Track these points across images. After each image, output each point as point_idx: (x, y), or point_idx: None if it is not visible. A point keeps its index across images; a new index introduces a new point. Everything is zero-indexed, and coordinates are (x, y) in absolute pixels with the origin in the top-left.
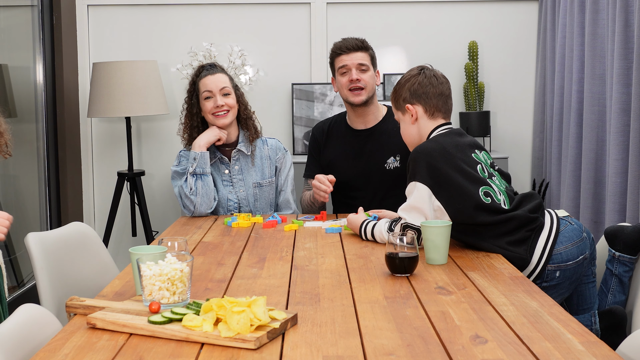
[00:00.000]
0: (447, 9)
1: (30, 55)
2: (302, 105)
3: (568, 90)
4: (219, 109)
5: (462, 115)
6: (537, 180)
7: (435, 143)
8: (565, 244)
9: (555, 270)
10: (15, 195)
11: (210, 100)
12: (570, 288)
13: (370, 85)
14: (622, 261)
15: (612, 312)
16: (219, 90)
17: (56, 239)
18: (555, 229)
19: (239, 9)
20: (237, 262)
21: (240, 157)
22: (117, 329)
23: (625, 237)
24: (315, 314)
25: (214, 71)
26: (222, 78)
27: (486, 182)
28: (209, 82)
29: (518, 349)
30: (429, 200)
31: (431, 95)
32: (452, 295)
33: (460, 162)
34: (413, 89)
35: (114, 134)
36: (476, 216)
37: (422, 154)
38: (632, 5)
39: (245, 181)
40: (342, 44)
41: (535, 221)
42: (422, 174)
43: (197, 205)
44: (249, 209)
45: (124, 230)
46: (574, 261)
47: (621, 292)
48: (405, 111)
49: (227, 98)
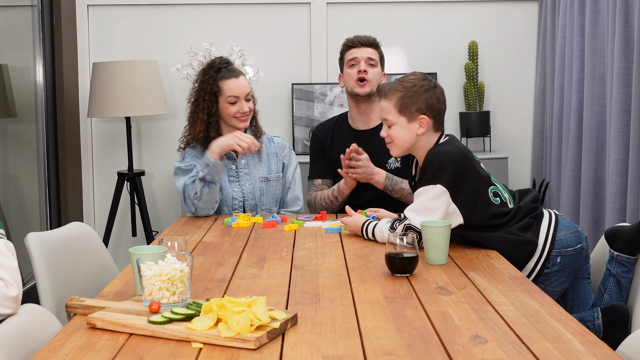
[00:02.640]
0: (447, 9)
1: (30, 55)
2: (302, 105)
3: (568, 90)
4: (244, 114)
5: (462, 115)
6: (537, 180)
7: (454, 147)
8: (565, 232)
9: (557, 255)
10: (15, 195)
11: (235, 105)
12: (569, 278)
13: (375, 80)
14: (620, 261)
15: (614, 308)
16: (244, 95)
17: (56, 239)
18: (555, 217)
19: (239, 9)
20: (237, 262)
21: (247, 153)
22: (117, 329)
23: (625, 235)
24: (315, 314)
25: (237, 73)
26: (245, 82)
27: (492, 181)
28: (234, 87)
29: (518, 349)
30: (445, 203)
31: (442, 111)
32: (452, 295)
33: (474, 163)
34: (431, 102)
35: (114, 134)
36: (486, 218)
37: (447, 158)
38: (632, 5)
39: (251, 175)
40: (354, 39)
41: (536, 210)
42: (444, 177)
43: (198, 209)
44: (254, 203)
45: (124, 230)
46: (573, 248)
47: (618, 294)
48: (414, 120)
49: (249, 103)
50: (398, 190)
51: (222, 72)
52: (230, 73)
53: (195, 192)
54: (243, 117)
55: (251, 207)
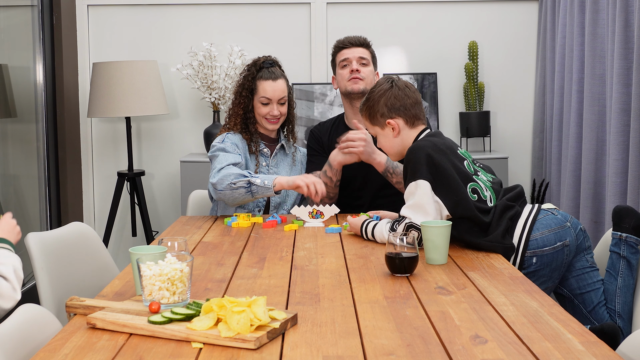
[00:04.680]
0: (447, 9)
1: (30, 55)
2: (302, 105)
3: (568, 90)
4: (274, 117)
5: (462, 115)
6: (537, 180)
7: (427, 142)
8: (542, 230)
9: (532, 256)
10: (15, 195)
11: (266, 107)
12: (553, 277)
13: (369, 79)
14: (629, 242)
15: (603, 330)
16: (278, 99)
17: (56, 239)
18: (533, 217)
19: (239, 9)
20: (237, 262)
21: (279, 153)
22: (117, 329)
23: (636, 218)
24: (315, 314)
25: (275, 76)
26: (282, 86)
27: (472, 178)
28: (269, 89)
29: (518, 349)
30: (431, 196)
31: (409, 105)
32: (452, 295)
33: (452, 157)
34: (390, 104)
35: (114, 134)
36: (472, 209)
37: (419, 151)
38: (632, 5)
39: (280, 175)
40: (344, 40)
41: (511, 208)
42: (422, 171)
43: (222, 192)
44: (279, 202)
45: (124, 230)
46: (551, 247)
47: (630, 276)
48: (384, 126)
49: (283, 107)
50: (399, 174)
51: (262, 72)
52: (269, 74)
53: (234, 183)
54: (273, 120)
55: (275, 205)
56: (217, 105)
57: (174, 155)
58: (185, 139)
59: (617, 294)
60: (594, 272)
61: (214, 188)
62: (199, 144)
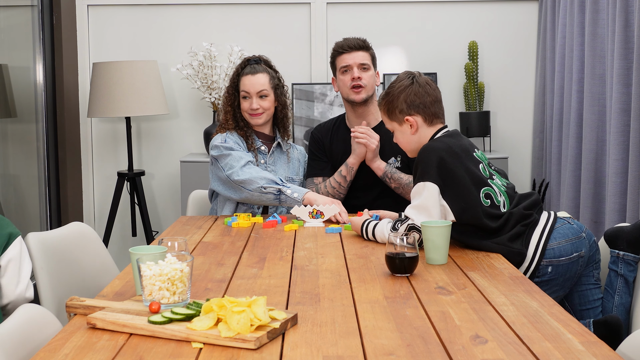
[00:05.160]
0: (447, 9)
1: (30, 55)
2: (302, 105)
3: (568, 90)
4: (254, 111)
5: (462, 115)
6: (537, 180)
7: (441, 143)
8: (559, 240)
9: (547, 265)
10: (15, 195)
11: (247, 101)
12: (565, 286)
13: (370, 84)
14: (626, 260)
15: (607, 322)
16: (256, 92)
17: (56, 239)
18: (550, 226)
19: (239, 9)
20: (237, 262)
21: (275, 151)
22: (117, 329)
23: (627, 236)
24: (315, 314)
25: (255, 70)
26: (262, 80)
27: (487, 182)
28: (247, 83)
29: (518, 349)
30: (438, 200)
31: (428, 103)
32: (452, 295)
33: (466, 161)
34: (410, 100)
35: (114, 134)
36: (479, 217)
37: (431, 153)
38: (632, 5)
39: (277, 173)
40: (343, 43)
41: (529, 217)
42: (431, 173)
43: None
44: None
45: (124, 230)
46: (567, 257)
47: (627, 294)
48: (403, 122)
49: (264, 100)
50: (396, 179)
51: (246, 69)
52: (250, 69)
53: (265, 188)
54: (253, 114)
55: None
56: (217, 105)
57: (174, 155)
58: (185, 139)
59: (614, 311)
60: (596, 289)
61: (240, 186)
62: (199, 144)
